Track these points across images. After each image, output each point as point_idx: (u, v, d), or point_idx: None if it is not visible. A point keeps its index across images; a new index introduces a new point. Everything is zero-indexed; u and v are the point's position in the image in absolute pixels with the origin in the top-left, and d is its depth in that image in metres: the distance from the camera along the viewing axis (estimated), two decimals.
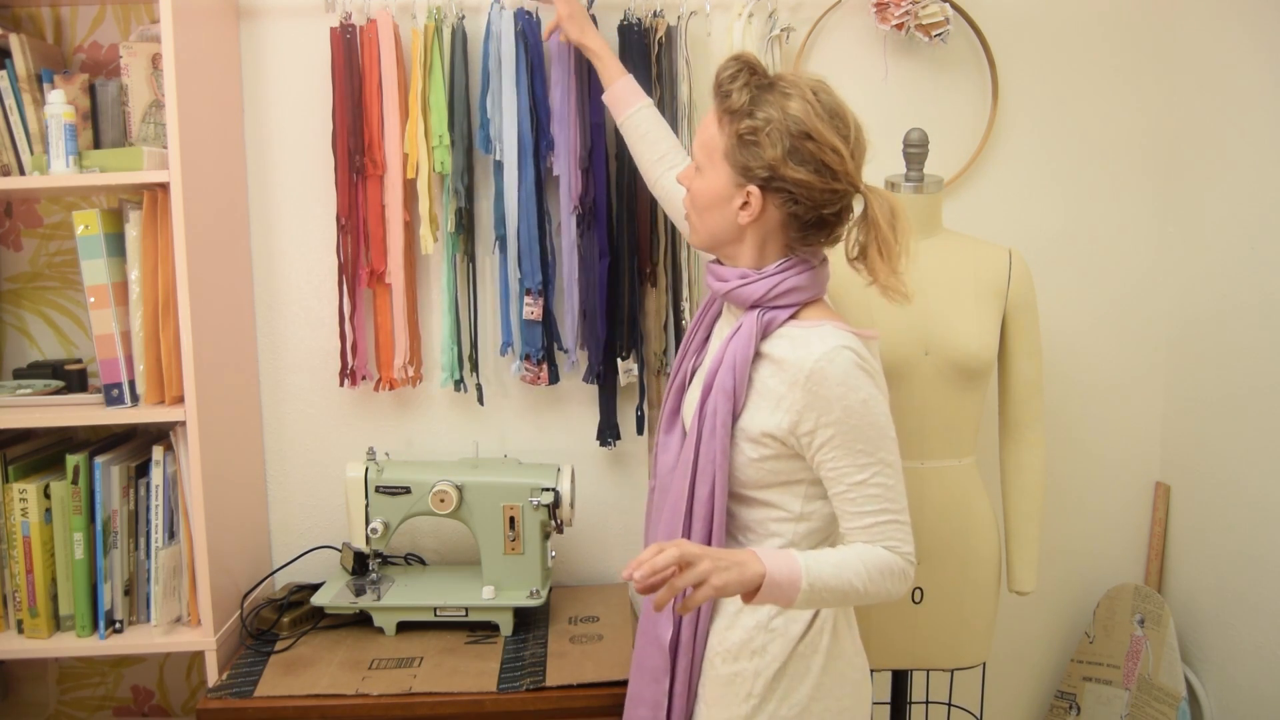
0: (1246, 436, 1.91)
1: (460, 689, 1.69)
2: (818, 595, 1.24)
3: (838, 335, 1.30)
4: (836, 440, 1.28)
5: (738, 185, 1.33)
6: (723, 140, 1.33)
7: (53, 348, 2.08)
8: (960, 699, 2.08)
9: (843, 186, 1.30)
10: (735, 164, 1.32)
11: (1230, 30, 1.95)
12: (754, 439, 1.34)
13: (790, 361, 1.31)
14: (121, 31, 2.01)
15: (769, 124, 1.29)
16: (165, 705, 2.19)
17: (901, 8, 1.95)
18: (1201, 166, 2.04)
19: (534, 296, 1.98)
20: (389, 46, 1.92)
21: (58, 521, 1.79)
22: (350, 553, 1.95)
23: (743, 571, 1.21)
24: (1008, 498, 1.87)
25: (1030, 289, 1.80)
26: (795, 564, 1.23)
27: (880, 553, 1.28)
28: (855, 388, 1.28)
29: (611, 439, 2.06)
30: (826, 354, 1.28)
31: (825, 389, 1.28)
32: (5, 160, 1.83)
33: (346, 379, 2.02)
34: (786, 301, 1.35)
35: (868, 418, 1.28)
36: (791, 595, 1.23)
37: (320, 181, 2.03)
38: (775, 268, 1.35)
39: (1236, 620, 1.94)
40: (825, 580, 1.24)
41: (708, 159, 1.35)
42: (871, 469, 1.28)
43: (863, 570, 1.26)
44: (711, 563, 1.19)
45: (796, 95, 1.29)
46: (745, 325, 1.35)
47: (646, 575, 1.15)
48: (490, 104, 1.93)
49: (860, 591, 1.26)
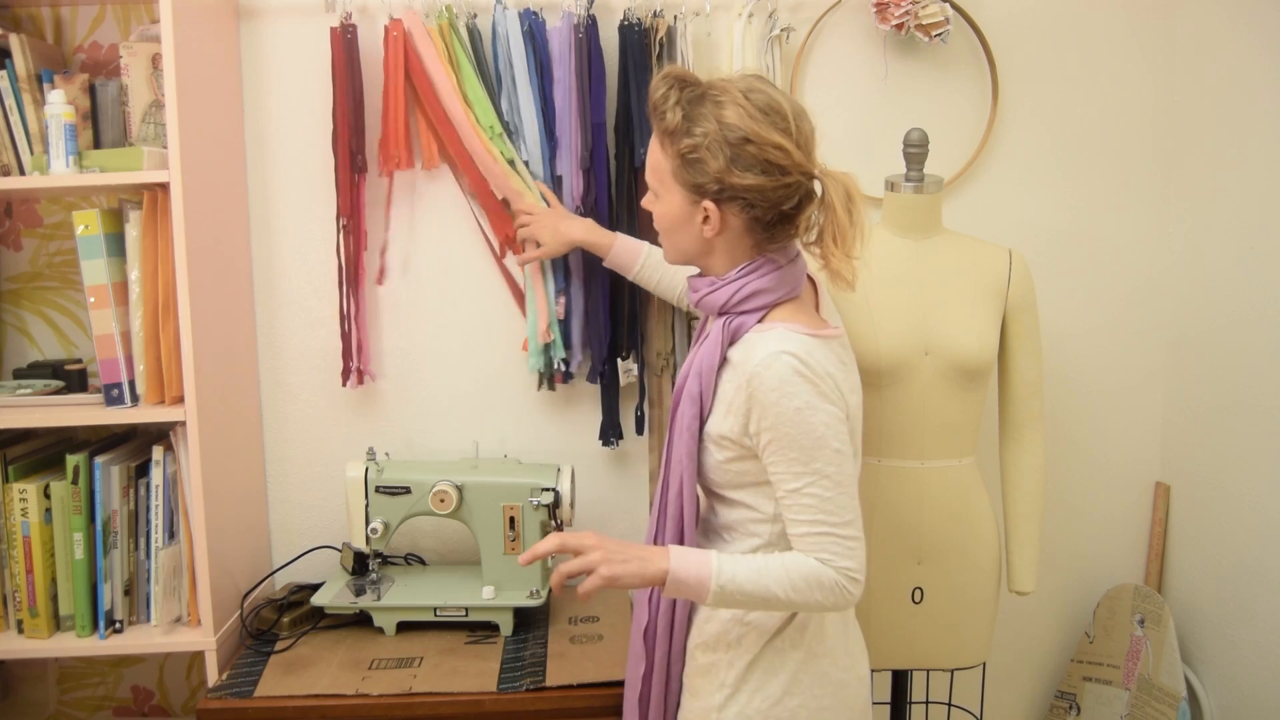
0: (1246, 437, 1.91)
1: (460, 689, 1.69)
2: (730, 597, 1.27)
3: (782, 339, 1.29)
4: (773, 446, 1.29)
5: (693, 203, 1.33)
6: (668, 163, 1.33)
7: (53, 348, 2.08)
8: (960, 699, 2.08)
9: (794, 179, 1.30)
10: (685, 184, 1.32)
11: (1232, 32, 1.95)
12: (716, 442, 1.36)
13: (739, 365, 1.33)
14: (121, 31, 2.01)
15: (706, 138, 1.28)
16: (165, 705, 2.19)
17: (901, 8, 1.95)
18: (1202, 167, 2.04)
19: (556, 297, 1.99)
20: (425, 42, 1.90)
21: (58, 521, 1.79)
22: (350, 553, 1.95)
23: (643, 566, 1.27)
24: (1008, 498, 1.87)
25: (1030, 289, 1.80)
26: (706, 566, 1.27)
27: (810, 564, 1.28)
28: (789, 394, 1.27)
29: (615, 439, 2.06)
30: (765, 359, 1.28)
31: (761, 394, 1.28)
32: (5, 160, 1.83)
33: (351, 379, 2.02)
34: (751, 306, 1.35)
35: (801, 426, 1.27)
36: (701, 595, 1.27)
37: (320, 181, 2.03)
38: (737, 273, 1.36)
39: (1236, 620, 1.94)
40: (740, 584, 1.27)
41: (660, 183, 1.36)
42: (805, 479, 1.28)
43: (784, 579, 1.27)
44: (603, 554, 1.27)
45: (729, 101, 1.28)
46: (713, 332, 1.37)
47: (526, 559, 1.29)
48: (507, 105, 1.94)
49: (782, 599, 1.28)
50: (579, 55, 1.91)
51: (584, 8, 1.92)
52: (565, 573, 1.29)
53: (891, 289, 1.75)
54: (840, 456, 1.29)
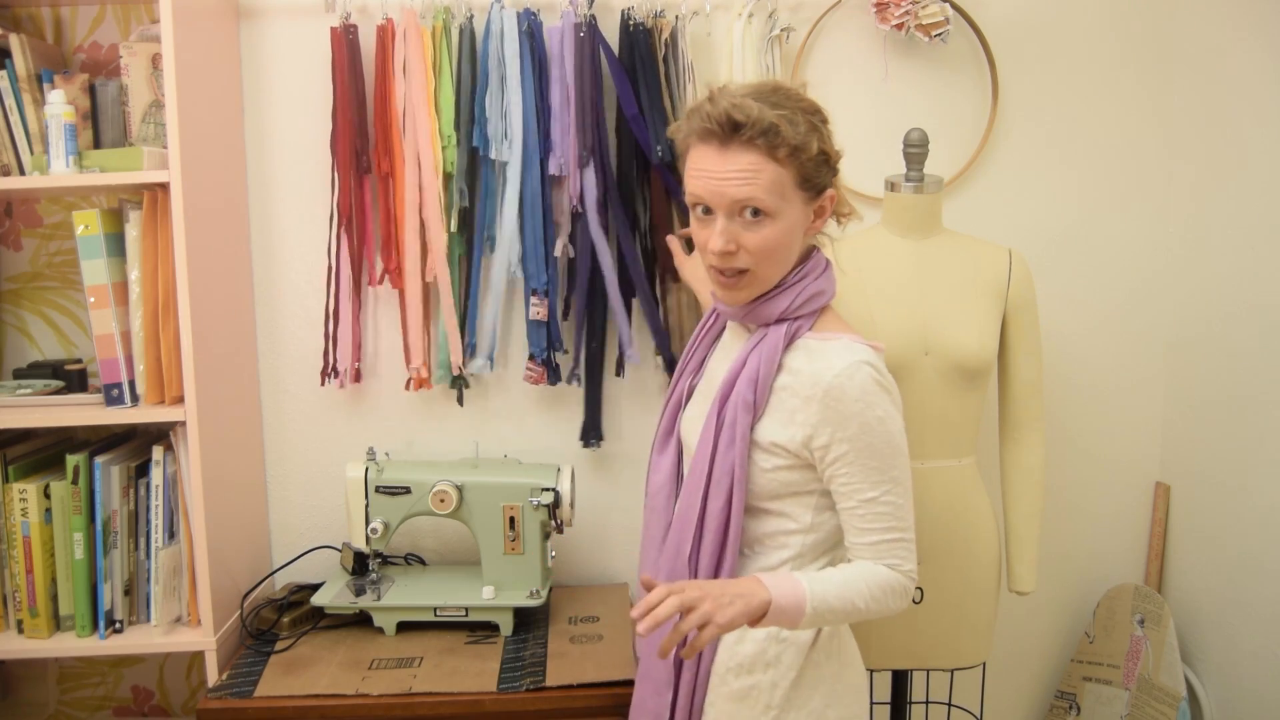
0: (1246, 436, 1.91)
1: (460, 689, 1.69)
2: (821, 616, 1.25)
3: (856, 350, 1.30)
4: (850, 456, 1.28)
5: (809, 201, 1.31)
6: (791, 172, 1.27)
7: (53, 348, 2.08)
8: (960, 699, 2.08)
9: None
10: (811, 185, 1.30)
11: (1232, 32, 1.95)
12: (765, 449, 1.33)
13: (807, 374, 1.30)
14: (121, 31, 2.01)
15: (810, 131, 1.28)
16: (165, 705, 2.19)
17: (901, 8, 1.95)
18: (1202, 166, 2.04)
19: (539, 297, 1.98)
20: (416, 45, 1.91)
21: (58, 521, 1.79)
22: (350, 553, 1.95)
23: (748, 603, 1.20)
24: (1008, 498, 1.87)
25: (1030, 289, 1.80)
26: (800, 588, 1.23)
27: (883, 571, 1.29)
28: (872, 404, 1.27)
29: (595, 440, 2.06)
30: (846, 369, 1.27)
31: (843, 405, 1.27)
32: (5, 160, 1.83)
33: (330, 378, 2.02)
34: (810, 309, 1.34)
35: (883, 435, 1.28)
36: (796, 618, 1.23)
37: (320, 181, 2.03)
38: (795, 275, 1.34)
39: (1236, 620, 1.93)
40: (829, 602, 1.24)
41: (780, 198, 1.27)
42: (883, 486, 1.28)
43: (865, 590, 1.27)
44: (714, 603, 1.18)
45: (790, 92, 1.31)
46: (771, 338, 1.33)
47: (649, 628, 1.14)
48: (488, 103, 1.93)
49: (862, 610, 1.27)
50: (577, 55, 1.91)
51: (585, 7, 1.92)
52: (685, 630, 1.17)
53: (891, 289, 1.75)
54: (907, 463, 1.32)
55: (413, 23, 1.92)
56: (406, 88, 1.92)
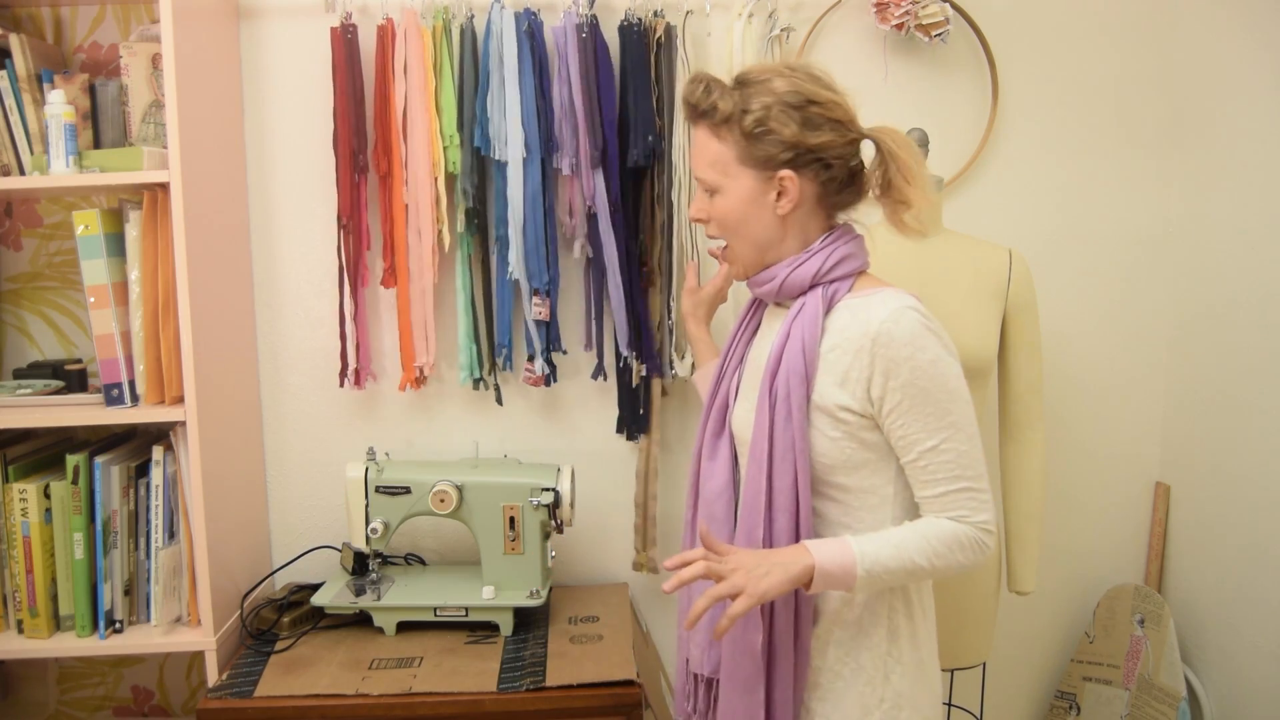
0: (1246, 436, 1.91)
1: (460, 689, 1.69)
2: (878, 578, 1.22)
3: (899, 297, 1.27)
4: (905, 405, 1.24)
5: (767, 179, 1.31)
6: (730, 149, 1.31)
7: (53, 348, 2.08)
8: (960, 699, 2.08)
9: (855, 133, 1.31)
10: (756, 161, 1.30)
11: (1230, 30, 1.95)
12: (829, 413, 1.28)
13: (853, 329, 1.28)
14: (121, 31, 2.01)
15: (769, 109, 1.28)
16: (165, 705, 2.19)
17: (901, 8, 1.95)
18: (1202, 166, 2.04)
19: (541, 297, 1.98)
20: (416, 46, 1.91)
21: (58, 521, 1.79)
22: (350, 553, 1.95)
23: (787, 570, 1.20)
24: (1008, 498, 1.87)
25: (1030, 289, 1.80)
26: (849, 551, 1.22)
27: (945, 525, 1.25)
28: (923, 347, 1.24)
29: (638, 432, 2.06)
30: (891, 315, 1.25)
31: (892, 350, 1.24)
32: (5, 160, 1.83)
33: (348, 379, 2.02)
34: (844, 271, 1.32)
35: (937, 379, 1.24)
36: (849, 581, 1.22)
37: (320, 181, 2.03)
38: (820, 243, 1.33)
39: (1236, 620, 1.94)
40: (884, 563, 1.22)
41: (722, 174, 1.32)
42: (942, 434, 1.24)
43: (925, 546, 1.23)
44: (745, 573, 1.18)
45: (774, 76, 1.30)
46: (809, 304, 1.32)
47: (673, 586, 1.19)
48: (490, 103, 1.93)
49: (927, 568, 1.24)
50: (583, 54, 1.91)
51: (586, 7, 1.92)
52: (714, 597, 1.19)
53: None
54: (970, 409, 1.26)
55: (413, 23, 1.92)
56: (406, 88, 1.92)
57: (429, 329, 1.99)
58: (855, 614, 1.33)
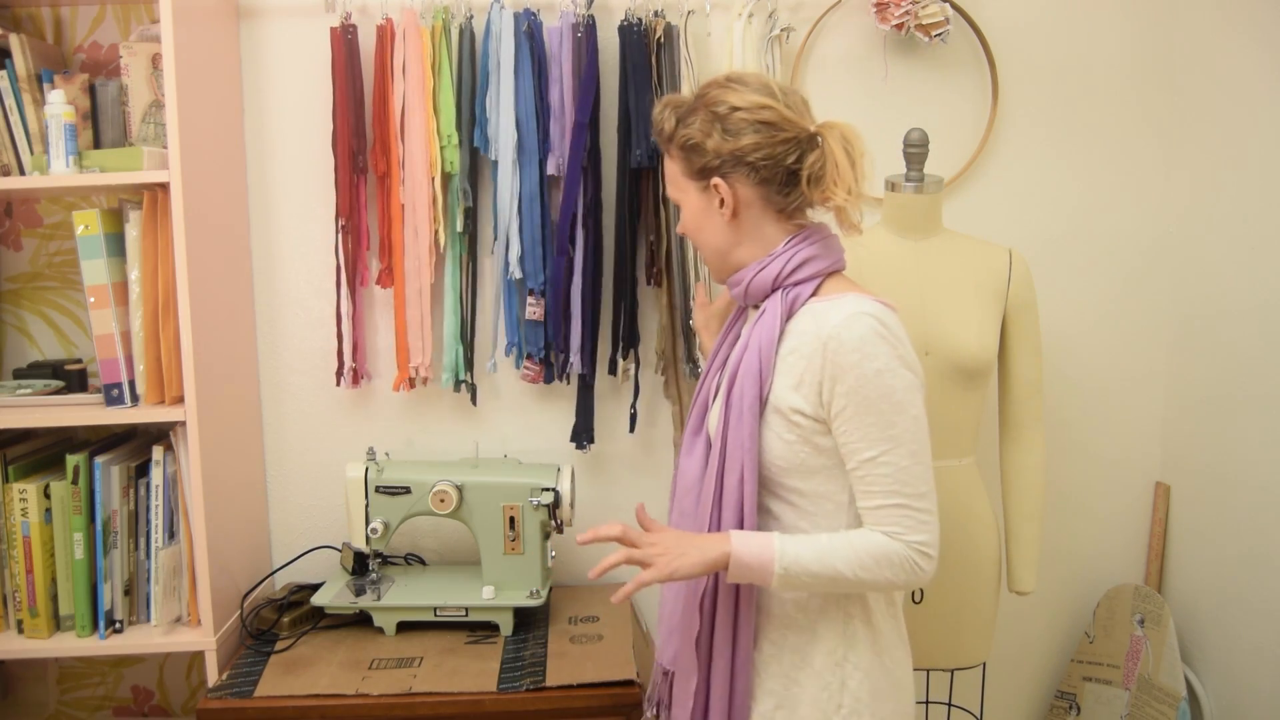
0: (1246, 436, 1.91)
1: (460, 689, 1.69)
2: (795, 579, 1.24)
3: (859, 303, 1.27)
4: (849, 411, 1.24)
5: (705, 189, 1.34)
6: (678, 165, 1.37)
7: (53, 348, 2.08)
8: (960, 699, 2.08)
9: (789, 134, 1.30)
10: (694, 173, 1.34)
11: (1231, 31, 1.95)
12: (786, 416, 1.29)
13: (810, 333, 1.28)
14: (121, 31, 2.01)
15: (695, 123, 1.32)
16: (165, 705, 2.19)
17: (901, 8, 1.95)
18: (1201, 166, 2.04)
19: (536, 297, 1.98)
20: (415, 46, 1.91)
21: (58, 521, 1.79)
22: (350, 553, 1.95)
23: (703, 553, 1.24)
24: (1008, 498, 1.87)
25: (1030, 289, 1.80)
26: (770, 547, 1.24)
27: (878, 539, 1.24)
28: (871, 355, 1.23)
29: (587, 441, 2.06)
30: (845, 320, 1.25)
31: (840, 355, 1.24)
32: (5, 160, 1.83)
33: (344, 379, 2.02)
34: (806, 274, 1.32)
35: (881, 389, 1.23)
36: (766, 578, 1.24)
37: (320, 181, 2.03)
38: (785, 245, 1.34)
39: (1236, 620, 1.93)
40: (805, 565, 1.23)
41: (679, 191, 1.39)
42: (881, 446, 1.23)
43: (852, 557, 1.24)
44: (661, 548, 1.25)
45: (713, 89, 1.34)
46: (769, 307, 1.33)
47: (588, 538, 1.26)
48: (489, 103, 1.93)
49: (850, 579, 1.24)
50: (576, 55, 1.91)
51: (583, 7, 1.92)
52: (612, 564, 1.25)
53: (891, 289, 1.75)
54: (918, 425, 1.25)
55: (412, 23, 1.92)
56: (405, 88, 1.92)
57: (424, 329, 1.99)
58: (809, 619, 1.34)
